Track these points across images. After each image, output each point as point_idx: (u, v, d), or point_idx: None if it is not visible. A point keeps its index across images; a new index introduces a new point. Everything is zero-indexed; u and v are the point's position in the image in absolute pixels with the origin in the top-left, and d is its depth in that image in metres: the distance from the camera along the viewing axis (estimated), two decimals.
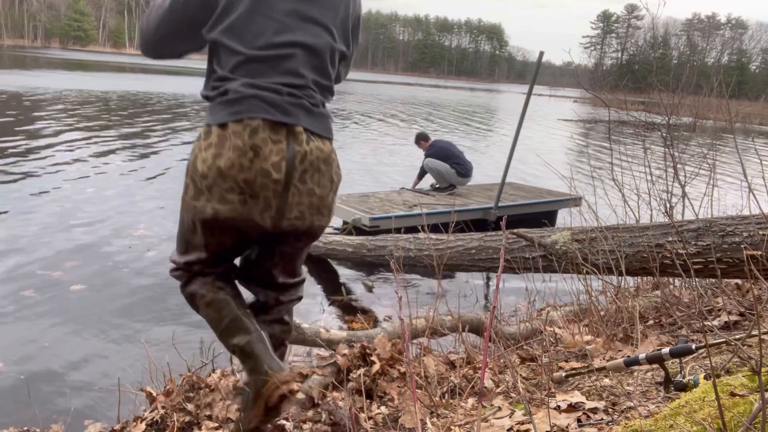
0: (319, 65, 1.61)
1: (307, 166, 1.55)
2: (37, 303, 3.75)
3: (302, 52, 1.57)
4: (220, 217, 1.55)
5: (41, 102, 14.87)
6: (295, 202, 1.56)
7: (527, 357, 2.43)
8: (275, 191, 1.53)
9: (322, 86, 1.63)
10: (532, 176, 9.05)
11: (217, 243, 1.64)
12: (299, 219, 1.59)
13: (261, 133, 1.50)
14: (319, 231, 1.68)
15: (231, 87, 1.54)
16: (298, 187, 1.55)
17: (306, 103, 1.56)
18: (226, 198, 1.53)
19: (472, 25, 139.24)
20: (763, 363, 1.05)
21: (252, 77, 1.54)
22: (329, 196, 1.65)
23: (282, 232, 1.61)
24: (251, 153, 1.50)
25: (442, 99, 36.65)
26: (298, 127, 1.53)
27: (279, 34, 1.56)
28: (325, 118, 1.63)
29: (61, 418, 2.47)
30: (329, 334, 2.68)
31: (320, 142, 1.59)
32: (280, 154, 1.51)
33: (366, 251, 4.53)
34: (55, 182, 6.89)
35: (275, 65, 1.55)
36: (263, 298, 1.81)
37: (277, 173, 1.51)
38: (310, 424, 2.04)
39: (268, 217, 1.55)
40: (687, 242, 2.83)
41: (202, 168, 1.53)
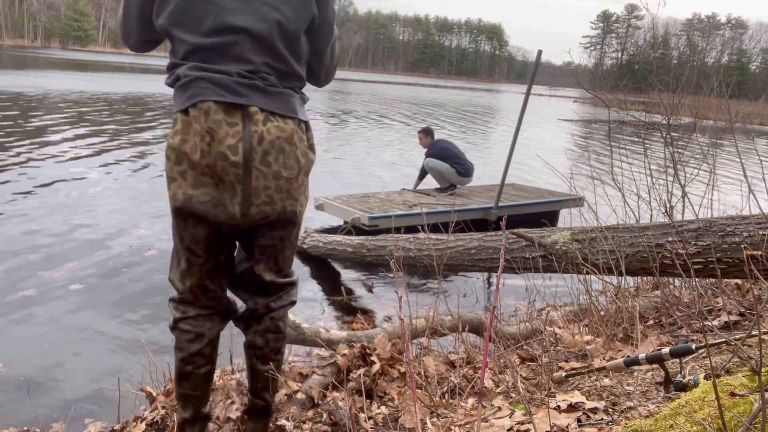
0: (269, 48, 1.53)
1: (267, 147, 1.50)
2: (36, 303, 3.75)
3: (245, 37, 1.51)
4: (193, 202, 1.52)
5: (42, 102, 14.87)
6: (261, 186, 1.52)
7: (527, 357, 2.43)
8: (236, 175, 1.49)
9: (276, 69, 1.56)
10: (535, 177, 9.05)
11: (191, 238, 1.59)
12: (268, 204, 1.55)
13: (214, 115, 1.47)
14: (294, 216, 1.63)
15: (180, 72, 1.52)
16: (261, 169, 1.51)
17: (259, 83, 1.51)
18: (201, 181, 1.51)
19: (472, 25, 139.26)
20: (763, 363, 1.05)
21: (201, 62, 1.51)
22: (299, 178, 1.59)
23: (255, 224, 1.57)
24: (208, 137, 1.47)
25: (442, 99, 36.64)
26: (252, 108, 1.49)
27: (219, 19, 1.50)
28: (286, 96, 1.56)
29: (61, 418, 2.47)
30: (329, 334, 2.68)
31: (281, 122, 1.53)
32: (237, 137, 1.47)
33: (366, 251, 4.53)
34: (56, 182, 6.88)
35: (222, 52, 1.51)
36: (252, 306, 1.77)
37: (235, 156, 1.47)
38: (310, 424, 2.04)
39: (236, 204, 1.52)
40: (687, 242, 2.83)
41: (173, 155, 1.52)
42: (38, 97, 15.72)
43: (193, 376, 1.70)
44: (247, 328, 1.80)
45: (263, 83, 1.52)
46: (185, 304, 1.69)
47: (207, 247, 1.61)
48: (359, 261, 4.69)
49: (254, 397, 1.84)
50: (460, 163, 7.04)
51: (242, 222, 1.55)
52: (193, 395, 1.74)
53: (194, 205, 1.53)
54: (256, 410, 1.84)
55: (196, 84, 1.48)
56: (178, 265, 1.67)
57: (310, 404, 2.22)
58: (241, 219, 1.54)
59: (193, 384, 1.72)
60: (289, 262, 1.78)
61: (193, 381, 1.71)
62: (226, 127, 1.47)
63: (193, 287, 1.66)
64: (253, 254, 1.69)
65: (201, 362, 1.70)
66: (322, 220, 6.35)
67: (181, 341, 1.69)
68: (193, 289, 1.66)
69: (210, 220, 1.54)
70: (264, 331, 1.77)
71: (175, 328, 1.70)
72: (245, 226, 1.57)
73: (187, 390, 1.73)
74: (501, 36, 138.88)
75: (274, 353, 1.80)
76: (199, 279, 1.65)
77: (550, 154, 8.82)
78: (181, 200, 1.53)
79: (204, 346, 1.69)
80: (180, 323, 1.69)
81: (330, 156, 10.70)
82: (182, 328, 1.68)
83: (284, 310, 1.81)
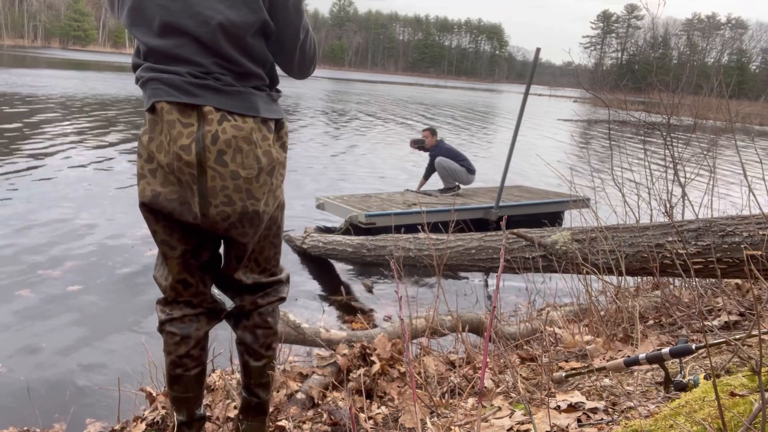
0: (214, 51, 1.51)
1: (223, 147, 1.48)
2: (37, 303, 3.75)
3: (190, 40, 1.49)
4: (161, 199, 1.53)
5: (42, 102, 14.86)
6: (218, 185, 1.50)
7: (527, 357, 2.43)
8: (191, 175, 1.48)
9: (229, 69, 1.53)
10: (537, 178, 9.04)
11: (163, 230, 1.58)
12: (227, 204, 1.52)
13: (167, 115, 1.47)
14: (257, 216, 1.59)
15: (138, 73, 1.54)
16: (217, 169, 1.49)
17: (212, 83, 1.49)
18: (168, 179, 1.52)
19: (472, 25, 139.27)
20: (763, 363, 1.05)
21: (155, 62, 1.52)
22: (260, 178, 1.55)
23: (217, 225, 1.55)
24: (168, 136, 1.48)
25: (446, 99, 36.64)
26: (206, 107, 1.48)
27: (164, 20, 1.48)
28: (245, 95, 1.53)
29: (61, 418, 2.47)
30: (329, 334, 2.68)
31: (239, 121, 1.51)
32: (191, 137, 1.47)
33: (366, 251, 4.53)
34: (59, 182, 6.89)
35: (171, 56, 1.50)
36: (239, 302, 1.76)
37: (188, 155, 1.46)
38: (310, 424, 2.04)
39: (196, 204, 1.51)
40: (687, 242, 2.83)
41: (144, 153, 1.54)
42: (40, 97, 15.72)
43: (184, 378, 1.70)
44: (236, 325, 1.80)
45: (217, 83, 1.50)
46: (170, 306, 1.69)
47: (181, 240, 1.60)
48: (359, 261, 4.70)
49: (248, 395, 1.83)
50: (465, 162, 7.14)
51: (204, 223, 1.54)
52: (185, 398, 1.74)
53: (162, 202, 1.53)
54: (250, 408, 1.84)
55: (150, 85, 1.50)
56: (160, 262, 1.68)
57: (310, 404, 2.22)
58: (203, 219, 1.53)
59: (184, 387, 1.72)
60: (273, 261, 1.76)
61: (183, 384, 1.71)
62: (180, 127, 1.47)
63: (174, 283, 1.66)
64: (228, 258, 1.69)
65: (191, 365, 1.70)
66: (322, 221, 6.35)
67: (169, 344, 1.69)
68: (174, 285, 1.66)
69: (176, 218, 1.55)
70: (253, 327, 1.77)
71: (162, 330, 1.70)
72: (209, 227, 1.56)
73: (179, 393, 1.73)
74: (501, 36, 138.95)
75: (264, 349, 1.79)
76: (178, 272, 1.64)
77: (550, 155, 8.83)
78: (149, 196, 1.54)
79: (191, 348, 1.69)
80: (166, 325, 1.69)
81: (336, 156, 10.74)
82: (168, 331, 1.68)
83: (272, 306, 1.80)
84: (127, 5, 1.52)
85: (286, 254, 5.17)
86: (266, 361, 1.79)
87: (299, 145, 11.40)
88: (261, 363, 1.79)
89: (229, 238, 1.62)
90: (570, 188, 3.96)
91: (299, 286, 4.55)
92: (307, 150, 11.08)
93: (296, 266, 4.97)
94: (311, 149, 11.26)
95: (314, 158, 10.17)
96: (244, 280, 1.71)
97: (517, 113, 5.76)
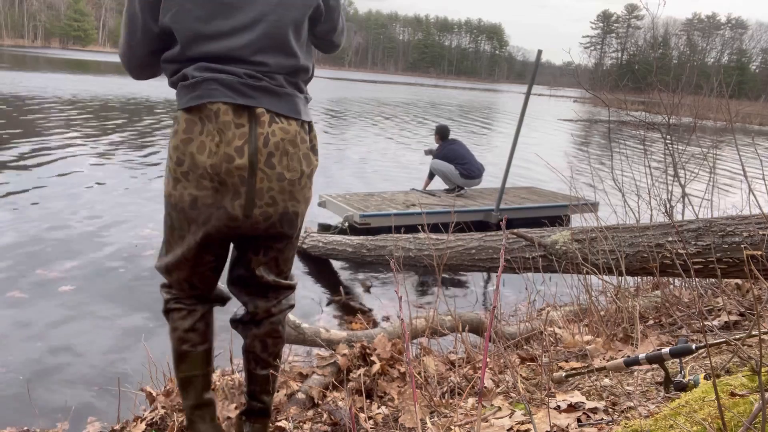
0: (279, 44, 1.53)
1: (272, 149, 1.50)
2: (36, 303, 3.75)
3: (258, 38, 1.50)
4: (198, 204, 1.52)
5: (43, 102, 14.86)
6: (265, 187, 1.52)
7: (527, 357, 2.43)
8: (241, 177, 1.49)
9: (284, 66, 1.55)
10: (540, 179, 9.03)
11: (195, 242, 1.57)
12: (271, 205, 1.54)
13: (223, 116, 1.47)
14: (295, 217, 1.62)
15: (188, 71, 1.51)
16: (266, 171, 1.50)
17: (266, 84, 1.51)
18: (202, 184, 1.50)
19: (472, 25, 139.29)
20: (763, 363, 1.05)
21: (211, 62, 1.49)
22: (302, 181, 1.58)
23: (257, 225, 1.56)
24: (218, 137, 1.47)
25: (443, 99, 36.63)
26: (259, 109, 1.49)
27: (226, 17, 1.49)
28: (292, 97, 1.56)
29: (61, 418, 2.47)
30: (329, 334, 2.68)
31: (285, 123, 1.53)
32: (243, 138, 1.47)
33: (366, 251, 4.53)
34: (61, 182, 6.89)
35: (231, 56, 1.50)
36: (252, 309, 1.75)
37: (240, 158, 1.47)
38: (310, 424, 2.04)
39: (238, 206, 1.51)
40: (687, 242, 2.83)
41: (175, 154, 1.51)
42: (41, 97, 15.71)
43: (191, 355, 1.69)
44: (246, 332, 1.79)
45: (271, 83, 1.52)
46: (176, 289, 1.71)
47: (203, 250, 1.60)
48: (359, 261, 4.70)
49: (252, 400, 1.83)
50: (465, 165, 7.03)
51: (245, 224, 1.54)
52: (193, 377, 1.71)
53: (200, 207, 1.52)
54: (254, 412, 1.84)
55: (206, 85, 1.48)
56: (167, 256, 1.66)
57: (310, 404, 2.22)
58: (244, 220, 1.53)
59: (192, 363, 1.70)
60: (290, 264, 1.77)
61: (191, 360, 1.70)
62: (233, 128, 1.47)
63: (181, 281, 1.67)
64: (257, 255, 1.68)
65: (196, 339, 1.69)
66: (322, 219, 6.35)
67: (175, 320, 1.69)
68: (181, 283, 1.67)
69: (212, 222, 1.54)
70: (264, 335, 1.76)
71: (167, 309, 1.71)
72: (248, 228, 1.56)
73: (187, 372, 1.71)
74: (501, 36, 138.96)
75: (272, 358, 1.79)
76: (187, 276, 1.65)
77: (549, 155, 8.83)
78: (188, 201, 1.52)
79: (197, 320, 1.69)
80: (171, 303, 1.70)
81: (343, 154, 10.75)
82: (174, 307, 1.70)
83: (284, 314, 1.80)
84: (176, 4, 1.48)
85: None
86: (273, 369, 1.80)
87: None
88: (267, 371, 1.79)
89: (263, 238, 1.63)
90: (571, 190, 3.96)
91: (299, 286, 4.54)
92: None
93: (296, 266, 4.95)
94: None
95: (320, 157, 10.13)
96: (265, 276, 1.70)
97: (518, 114, 5.75)
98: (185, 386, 1.74)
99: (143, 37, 1.56)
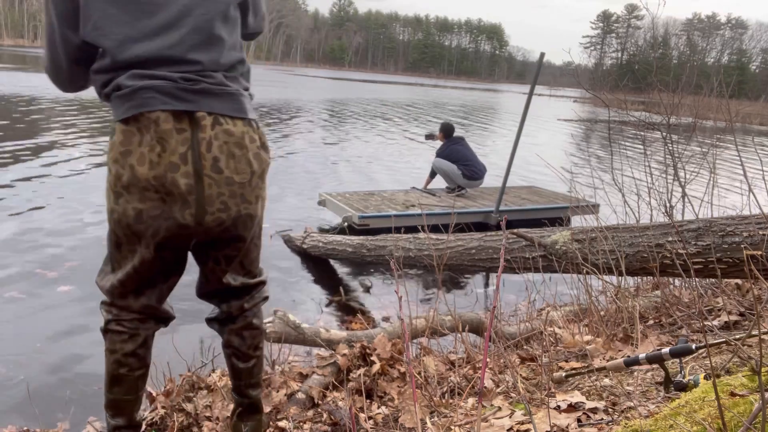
0: (209, 40, 1.48)
1: (217, 153, 1.44)
2: (36, 302, 3.75)
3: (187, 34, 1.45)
4: (144, 217, 1.46)
5: (44, 102, 14.87)
6: (215, 193, 1.46)
7: (527, 357, 2.43)
8: (188, 185, 1.43)
9: (219, 63, 1.50)
10: (540, 179, 9.03)
11: (149, 254, 1.52)
12: (223, 210, 1.49)
13: (164, 124, 1.40)
14: (250, 219, 1.57)
15: (121, 81, 1.44)
16: (213, 177, 1.45)
17: (205, 86, 1.45)
18: (146, 195, 1.44)
19: (472, 25, 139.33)
20: (763, 363, 1.05)
21: (143, 68, 1.43)
22: (253, 181, 1.53)
23: (210, 232, 1.52)
24: (159, 147, 1.41)
25: (444, 99, 36.64)
26: (199, 113, 1.43)
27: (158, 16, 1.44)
28: (235, 96, 1.50)
29: (61, 417, 2.47)
30: (329, 334, 2.68)
31: (230, 125, 1.47)
32: (186, 144, 1.42)
33: (366, 251, 4.53)
34: (61, 182, 6.89)
35: (163, 58, 1.44)
36: (226, 309, 1.74)
37: (185, 165, 1.42)
38: (310, 424, 2.04)
39: (189, 215, 1.46)
40: (687, 242, 2.83)
41: (115, 168, 1.44)
42: (39, 97, 15.72)
43: (127, 379, 1.65)
44: (222, 329, 1.78)
45: (210, 83, 1.46)
46: (118, 309, 1.64)
47: (157, 262, 1.55)
48: (359, 261, 4.70)
49: (240, 396, 1.83)
50: (467, 166, 6.97)
51: (197, 230, 1.50)
52: (125, 400, 1.68)
53: (146, 220, 1.47)
54: (244, 408, 1.83)
55: (140, 94, 1.41)
56: (115, 273, 1.61)
57: (310, 404, 2.22)
58: (196, 228, 1.49)
59: (126, 388, 1.66)
60: (256, 263, 1.74)
61: (126, 385, 1.66)
62: (176, 134, 1.41)
63: (129, 300, 1.61)
64: (220, 265, 1.65)
65: (135, 364, 1.64)
66: (322, 219, 6.35)
67: (114, 342, 1.64)
68: (128, 302, 1.62)
69: (162, 233, 1.49)
70: (240, 329, 1.75)
71: (107, 330, 1.65)
72: (201, 234, 1.52)
73: (120, 395, 1.67)
74: (501, 36, 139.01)
75: (252, 350, 1.78)
76: (138, 292, 1.60)
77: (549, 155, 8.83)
78: (132, 216, 1.46)
79: (138, 346, 1.64)
80: (112, 324, 1.64)
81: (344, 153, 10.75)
82: (115, 329, 1.63)
83: (258, 307, 1.78)
84: (97, 11, 1.42)
85: (286, 254, 5.18)
86: (255, 361, 1.79)
87: (303, 143, 11.41)
88: (250, 364, 1.78)
89: (220, 244, 1.59)
90: (571, 190, 3.96)
91: (299, 286, 4.55)
92: (312, 147, 11.11)
93: (296, 266, 4.97)
94: (315, 146, 11.28)
95: (318, 156, 10.18)
96: (232, 283, 1.68)
97: (520, 114, 5.75)
98: (115, 408, 1.70)
99: (64, 48, 1.50)
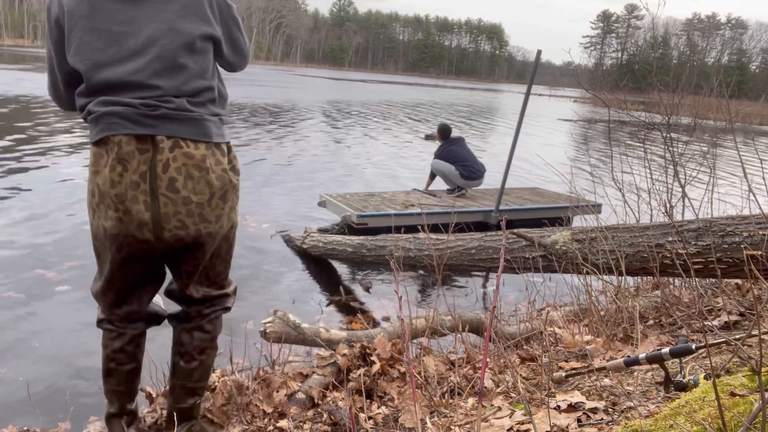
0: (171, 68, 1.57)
1: (173, 174, 1.55)
2: (36, 302, 3.75)
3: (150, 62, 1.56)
4: (107, 234, 1.61)
5: (43, 102, 14.86)
6: (171, 212, 1.57)
7: (527, 357, 2.43)
8: (145, 203, 1.55)
9: (181, 89, 1.59)
10: (541, 179, 9.02)
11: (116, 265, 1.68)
12: (181, 228, 1.60)
13: (126, 146, 1.53)
14: (210, 237, 1.67)
15: (91, 107, 1.58)
16: (169, 196, 1.56)
17: (165, 111, 1.55)
18: (108, 215, 1.58)
19: (472, 25, 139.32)
20: (763, 363, 1.05)
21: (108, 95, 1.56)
22: (212, 202, 1.63)
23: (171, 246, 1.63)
24: (120, 167, 1.53)
25: (443, 99, 36.64)
26: (159, 137, 1.54)
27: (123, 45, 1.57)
28: (198, 121, 1.59)
29: (61, 418, 2.47)
30: (329, 334, 2.68)
31: (192, 148, 1.57)
32: (147, 164, 1.53)
33: (366, 251, 4.53)
34: (61, 182, 6.88)
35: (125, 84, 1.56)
36: (186, 309, 1.86)
37: (144, 183, 1.54)
38: (310, 424, 2.04)
39: (147, 231, 1.58)
40: (687, 242, 2.83)
41: (90, 187, 1.60)
42: (39, 96, 15.72)
43: (117, 372, 1.81)
44: (177, 326, 1.89)
45: (170, 109, 1.55)
46: (108, 311, 1.82)
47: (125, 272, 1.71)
48: (359, 261, 4.70)
49: (173, 401, 1.89)
50: (465, 166, 6.96)
51: (158, 245, 1.61)
52: (117, 391, 1.84)
53: (109, 237, 1.61)
54: (174, 416, 1.89)
55: (105, 119, 1.54)
56: (99, 280, 1.79)
57: (310, 404, 2.22)
58: (157, 243, 1.61)
59: (117, 380, 1.82)
60: (223, 275, 1.84)
61: (116, 377, 1.82)
62: (138, 155, 1.53)
63: (111, 304, 1.79)
64: (180, 276, 1.78)
65: (124, 360, 1.81)
66: (322, 219, 6.35)
67: (105, 339, 1.82)
68: (111, 306, 1.79)
69: (125, 249, 1.63)
70: (192, 329, 1.85)
71: (100, 327, 1.84)
72: (163, 247, 1.63)
73: (112, 386, 1.84)
74: (501, 36, 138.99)
75: (197, 352, 1.85)
76: (117, 296, 1.77)
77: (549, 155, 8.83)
78: (102, 231, 1.62)
79: (126, 343, 1.80)
80: (103, 323, 1.82)
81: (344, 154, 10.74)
82: (105, 327, 1.82)
83: (216, 314, 1.88)
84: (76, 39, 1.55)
85: (286, 254, 5.18)
86: (196, 365, 1.85)
87: (303, 144, 11.41)
88: (191, 366, 1.84)
89: (182, 258, 1.71)
90: (571, 190, 3.96)
91: (299, 286, 4.55)
92: (313, 148, 11.11)
93: (296, 266, 4.97)
94: (316, 147, 11.29)
95: (318, 156, 10.18)
96: (194, 295, 1.80)
97: (518, 114, 5.75)
98: (110, 396, 1.87)
99: (61, 74, 1.66)
